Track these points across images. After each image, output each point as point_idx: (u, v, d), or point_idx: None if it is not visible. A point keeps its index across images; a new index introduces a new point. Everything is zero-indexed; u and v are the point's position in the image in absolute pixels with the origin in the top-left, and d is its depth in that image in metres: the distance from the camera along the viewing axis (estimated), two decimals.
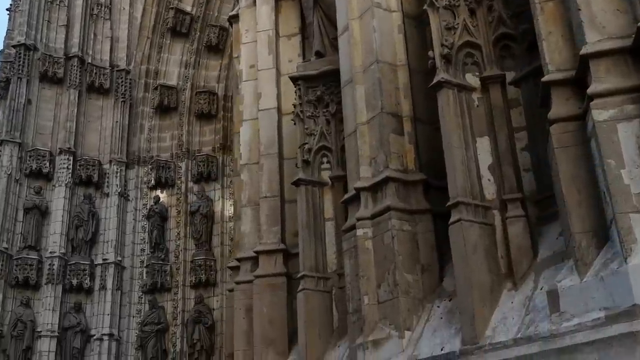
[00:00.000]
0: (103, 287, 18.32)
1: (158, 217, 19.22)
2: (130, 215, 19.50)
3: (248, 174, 9.56)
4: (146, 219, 19.35)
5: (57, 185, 18.76)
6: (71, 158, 19.06)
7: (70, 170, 18.93)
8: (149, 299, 18.50)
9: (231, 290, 9.63)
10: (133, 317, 18.40)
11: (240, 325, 8.79)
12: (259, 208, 9.01)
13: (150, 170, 19.81)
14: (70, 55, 19.88)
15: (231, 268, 9.77)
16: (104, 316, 17.99)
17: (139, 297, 18.70)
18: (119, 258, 18.78)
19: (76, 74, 19.81)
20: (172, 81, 20.57)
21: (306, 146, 8.41)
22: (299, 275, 8.03)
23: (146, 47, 20.82)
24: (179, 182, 19.74)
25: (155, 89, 20.34)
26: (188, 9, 20.54)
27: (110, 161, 19.68)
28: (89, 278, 18.19)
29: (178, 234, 19.17)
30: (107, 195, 19.42)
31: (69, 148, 19.09)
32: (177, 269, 18.83)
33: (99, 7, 20.98)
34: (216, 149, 19.86)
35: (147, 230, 19.26)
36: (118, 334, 18.06)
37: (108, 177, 19.55)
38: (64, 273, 17.93)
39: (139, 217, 19.51)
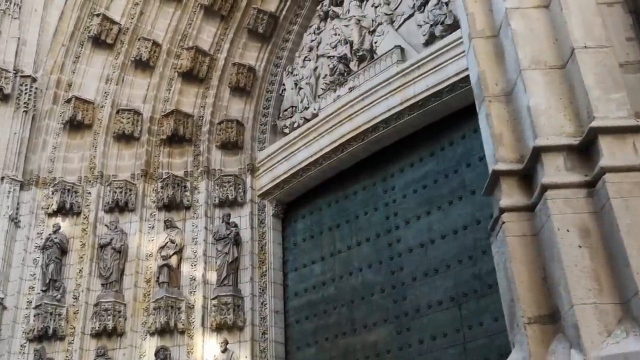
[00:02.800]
0: None
1: (56, 248, 15.78)
2: (19, 244, 15.90)
3: (523, 22, 6.03)
4: (40, 250, 15.82)
5: None
6: None
7: None
8: (35, 349, 14.78)
9: (520, 209, 5.58)
10: None
11: (573, 258, 4.99)
12: (553, 72, 5.72)
13: (52, 193, 16.46)
14: None
15: (504, 174, 5.75)
16: None
17: (21, 346, 14.91)
18: (1, 296, 15.05)
19: None
20: (89, 95, 17.65)
21: None
22: None
23: (60, 54, 17.87)
24: (86, 210, 16.51)
25: (68, 101, 17.30)
26: (117, 18, 17.99)
27: (2, 178, 16.21)
28: None
29: (80, 270, 15.77)
30: None
31: None
32: (75, 312, 15.33)
33: (7, 3, 17.96)
34: (136, 176, 16.94)
35: (40, 264, 15.71)
36: None
37: None
38: None
39: (31, 247, 15.94)
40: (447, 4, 14.27)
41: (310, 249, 16.04)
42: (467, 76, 12.92)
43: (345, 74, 16.06)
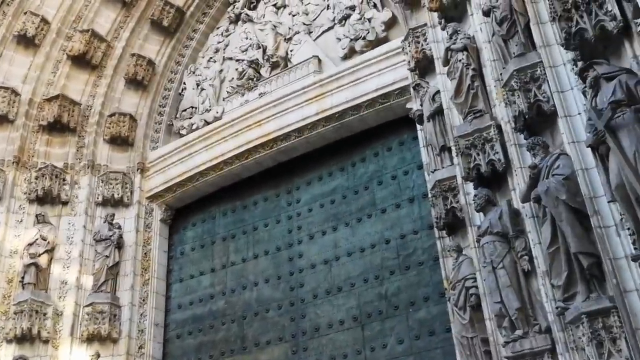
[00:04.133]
0: None
1: None
2: None
3: None
4: None
5: None
6: None
7: None
8: None
9: None
10: None
11: None
12: None
13: None
14: None
15: None
16: None
17: None
18: None
19: None
20: None
21: None
22: None
23: None
24: None
25: None
26: None
27: None
28: None
29: None
30: None
31: None
32: None
33: None
34: (6, 163, 15.00)
35: None
36: None
37: None
38: None
39: None
40: (369, 20, 14.10)
41: (199, 259, 14.90)
42: (388, 93, 12.89)
43: (255, 79, 15.36)
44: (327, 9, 15.09)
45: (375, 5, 14.27)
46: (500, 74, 8.73)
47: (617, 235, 6.70)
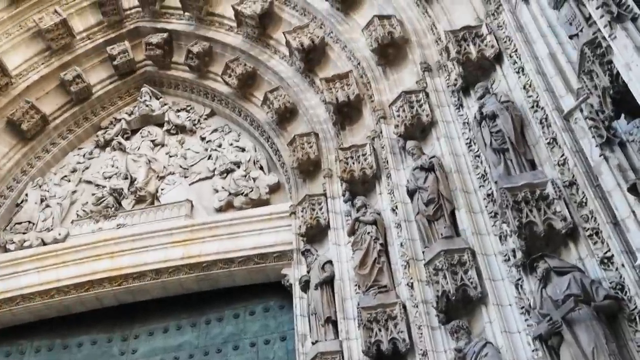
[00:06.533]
0: None
1: None
2: None
3: None
4: None
5: None
6: None
7: None
8: None
9: None
10: None
11: None
12: None
13: None
14: None
15: None
16: None
17: None
18: None
19: None
20: None
21: None
22: None
23: None
24: None
25: None
26: None
27: None
28: None
29: None
30: None
31: None
32: None
33: None
34: None
35: None
36: None
37: None
38: None
39: None
40: (254, 179, 13.87)
41: None
42: (266, 254, 12.36)
43: (114, 208, 14.10)
44: (209, 159, 14.73)
45: (261, 168, 14.17)
46: (423, 252, 8.68)
47: None
